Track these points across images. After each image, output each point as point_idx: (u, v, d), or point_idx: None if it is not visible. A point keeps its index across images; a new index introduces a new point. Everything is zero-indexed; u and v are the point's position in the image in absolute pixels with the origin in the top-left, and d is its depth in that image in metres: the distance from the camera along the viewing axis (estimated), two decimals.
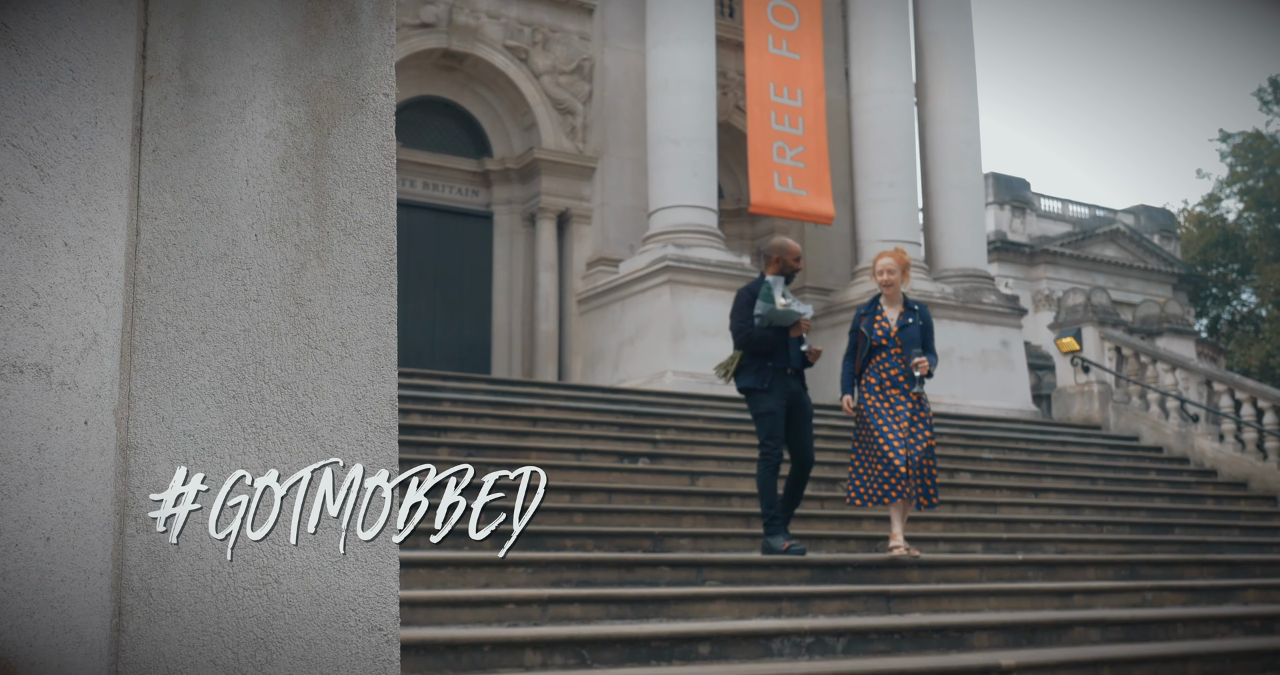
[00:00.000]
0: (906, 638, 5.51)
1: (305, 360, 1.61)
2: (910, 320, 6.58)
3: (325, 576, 1.63)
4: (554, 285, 14.91)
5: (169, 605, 1.52)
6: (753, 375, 6.30)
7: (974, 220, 15.79)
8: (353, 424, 1.64)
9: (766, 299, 6.21)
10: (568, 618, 5.18)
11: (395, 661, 1.70)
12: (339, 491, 1.42)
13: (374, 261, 1.61)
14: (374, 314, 1.63)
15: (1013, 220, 34.04)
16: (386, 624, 1.69)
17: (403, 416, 8.72)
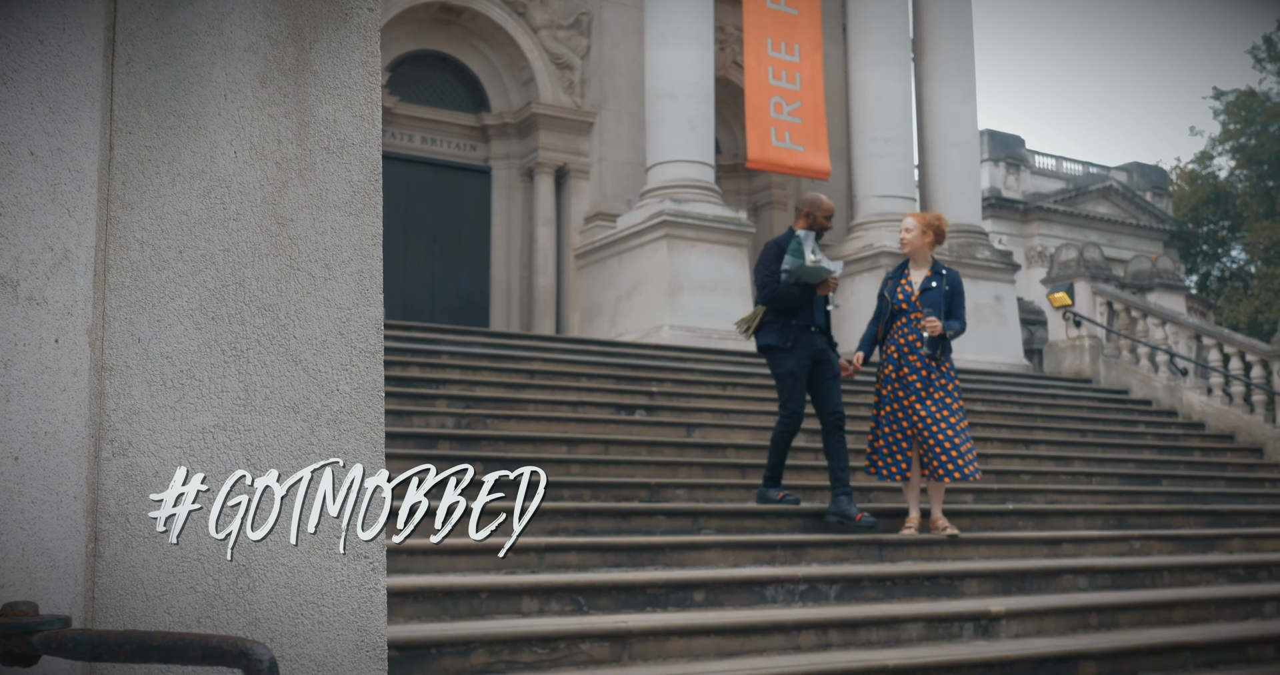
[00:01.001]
0: (898, 585, 5.52)
1: (287, 282, 1.55)
2: (934, 284, 6.15)
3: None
4: (552, 240, 14.81)
5: (147, 530, 1.47)
6: (776, 332, 6.02)
7: (969, 177, 15.67)
8: (337, 347, 1.59)
9: (796, 254, 5.89)
10: (564, 565, 5.18)
11: (381, 590, 1.66)
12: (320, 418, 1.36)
13: (358, 181, 1.55)
14: (358, 235, 1.57)
15: (1007, 177, 33.83)
16: (373, 553, 1.64)
17: (401, 369, 8.67)
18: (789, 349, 5.98)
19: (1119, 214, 35.02)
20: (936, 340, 6.04)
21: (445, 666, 4.05)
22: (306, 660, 1.60)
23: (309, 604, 1.59)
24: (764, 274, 6.06)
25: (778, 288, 5.95)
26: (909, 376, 6.03)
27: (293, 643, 1.58)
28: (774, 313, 6.02)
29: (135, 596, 1.47)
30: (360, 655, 1.64)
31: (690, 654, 4.49)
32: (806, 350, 6.00)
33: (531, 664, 4.19)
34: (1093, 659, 5.00)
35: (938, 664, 4.61)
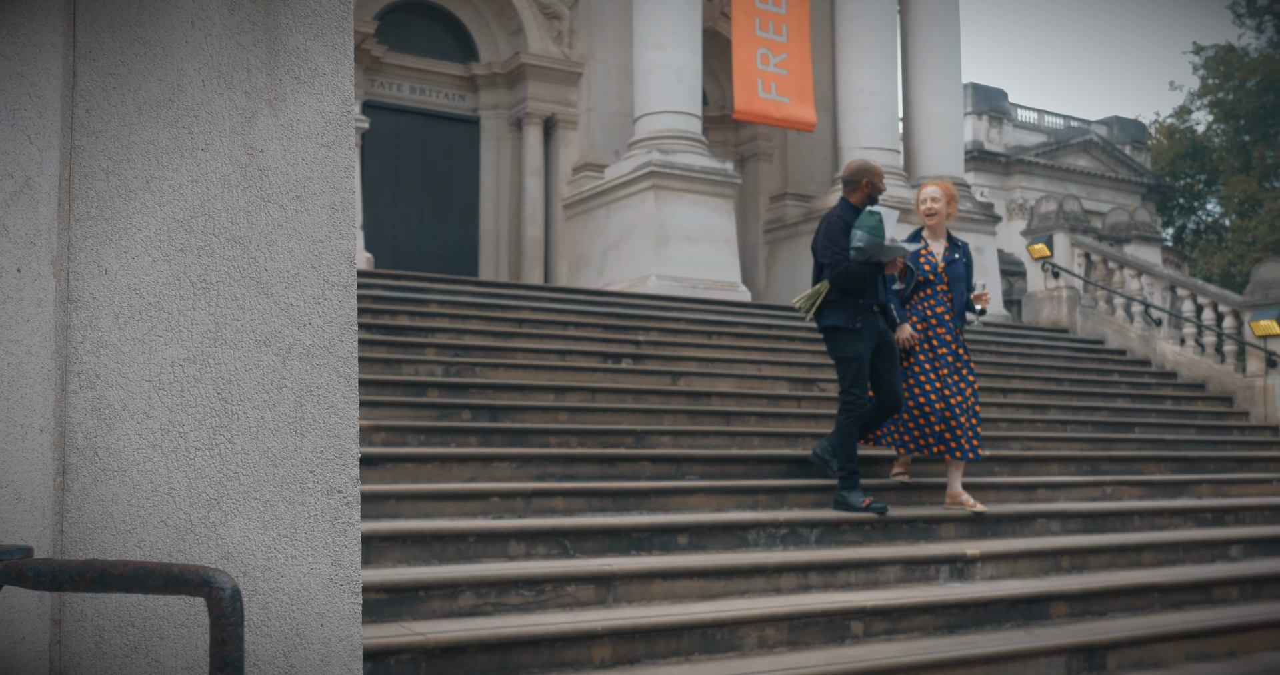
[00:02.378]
0: (877, 529, 5.55)
1: (258, 214, 1.50)
2: (957, 256, 6.00)
3: (282, 437, 1.54)
4: (540, 190, 14.67)
5: (116, 464, 1.43)
6: (843, 313, 5.54)
7: (952, 129, 15.55)
8: (309, 281, 1.54)
9: (874, 232, 5.40)
10: (551, 510, 5.18)
11: (355, 525, 1.63)
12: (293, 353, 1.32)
13: (330, 112, 1.49)
14: (330, 167, 1.51)
15: (990, 130, 33.64)
16: (346, 487, 1.61)
17: (390, 317, 8.61)
18: (857, 330, 5.52)
19: (1099, 167, 34.93)
20: (961, 312, 5.89)
21: (433, 609, 4.06)
22: (280, 594, 1.58)
23: (282, 538, 1.56)
24: (831, 250, 5.51)
25: (849, 266, 5.46)
26: (940, 349, 5.82)
27: (265, 576, 1.56)
28: (839, 291, 5.54)
29: (105, 530, 1.43)
30: (334, 589, 1.62)
31: (674, 596, 4.51)
32: (872, 332, 5.60)
33: (518, 606, 4.20)
34: (1064, 600, 5.05)
35: (914, 605, 4.65)
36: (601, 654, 3.96)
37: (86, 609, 1.43)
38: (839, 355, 5.64)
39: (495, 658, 3.78)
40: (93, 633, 1.44)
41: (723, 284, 12.42)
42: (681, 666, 4.00)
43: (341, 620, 1.62)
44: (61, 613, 1.41)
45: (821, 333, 5.76)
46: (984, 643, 4.49)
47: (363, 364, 7.31)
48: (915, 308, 5.93)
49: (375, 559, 4.36)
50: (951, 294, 5.93)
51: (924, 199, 6.07)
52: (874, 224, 5.42)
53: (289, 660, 1.59)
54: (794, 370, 9.26)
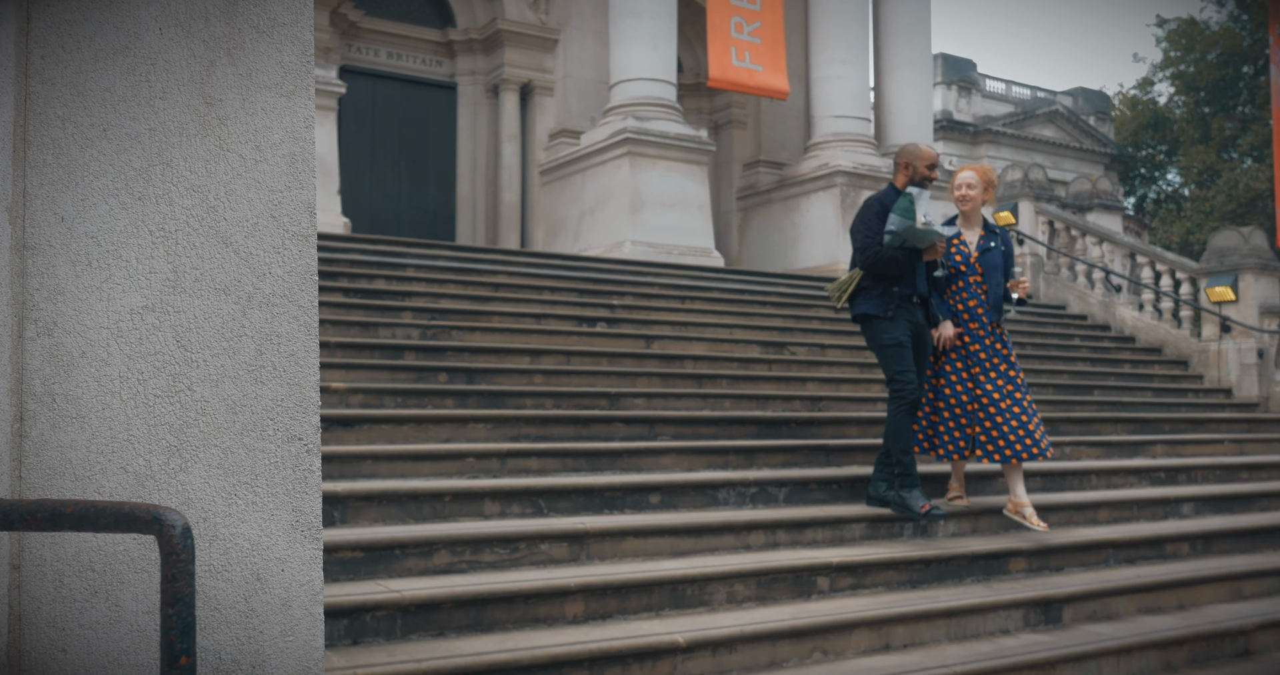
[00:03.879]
0: (844, 487, 5.58)
1: (216, 163, 1.46)
2: (992, 244, 5.46)
3: (242, 385, 1.52)
4: (517, 156, 14.53)
5: (75, 411, 1.40)
6: (876, 301, 5.18)
7: (922, 98, 15.50)
8: (269, 230, 1.51)
9: (906, 215, 5.00)
10: (525, 470, 5.18)
11: (316, 471, 1.61)
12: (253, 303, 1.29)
13: (290, 62, 1.44)
14: (290, 117, 1.47)
15: (959, 100, 33.60)
16: (307, 434, 1.59)
17: (367, 281, 8.53)
18: (890, 318, 5.15)
19: (1064, 137, 35.01)
20: (998, 304, 5.38)
21: (409, 567, 4.05)
22: (240, 539, 1.56)
23: (242, 485, 1.54)
24: (864, 234, 5.15)
25: (880, 251, 5.09)
26: (972, 346, 5.34)
27: (226, 522, 1.54)
28: (872, 278, 5.19)
29: (64, 476, 1.41)
30: (295, 535, 1.60)
31: (645, 553, 4.53)
32: (907, 320, 5.20)
33: (493, 563, 4.20)
34: (1022, 556, 5.11)
35: (878, 561, 4.69)
36: (574, 610, 3.97)
37: (45, 554, 1.40)
38: (876, 344, 5.24)
39: (469, 614, 3.79)
40: (52, 577, 1.42)
41: (697, 249, 12.38)
42: (652, 621, 4.02)
43: (303, 565, 1.61)
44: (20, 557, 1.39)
45: (856, 321, 5.38)
46: (945, 597, 4.54)
47: (340, 327, 7.24)
48: (946, 301, 5.48)
49: (352, 518, 4.34)
50: (986, 285, 5.40)
51: (959, 184, 5.52)
52: (906, 206, 5.03)
53: (250, 604, 1.57)
54: (765, 334, 9.27)
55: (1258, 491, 6.82)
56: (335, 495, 4.32)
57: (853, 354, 9.39)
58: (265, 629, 1.60)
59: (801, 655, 4.03)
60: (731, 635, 3.90)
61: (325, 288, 8.16)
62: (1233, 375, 11.02)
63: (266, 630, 1.60)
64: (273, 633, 1.61)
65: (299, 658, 1.64)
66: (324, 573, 3.89)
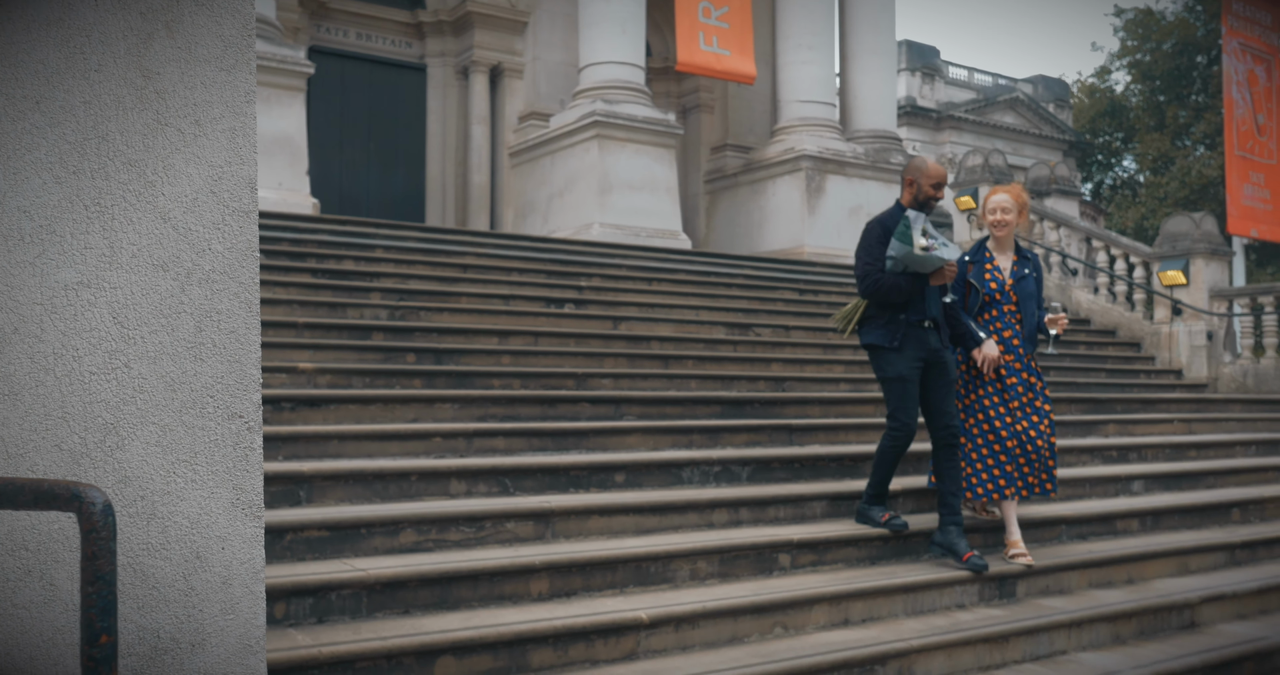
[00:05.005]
0: (805, 466, 5.59)
1: (154, 137, 1.40)
2: (1027, 271, 5.04)
3: (180, 362, 1.47)
4: (486, 138, 14.40)
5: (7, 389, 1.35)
6: (881, 330, 4.78)
7: (886, 84, 15.51)
8: (208, 206, 1.46)
9: (903, 239, 4.61)
10: (492, 449, 5.14)
11: (257, 449, 1.57)
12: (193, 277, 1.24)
13: (230, 36, 1.39)
14: (230, 91, 1.42)
15: (923, 86, 33.69)
16: (248, 412, 1.55)
17: (335, 262, 8.42)
18: (896, 349, 4.74)
19: (1024, 124, 35.23)
20: (1033, 335, 5.01)
21: (375, 545, 4.01)
22: (179, 517, 1.52)
23: (181, 462, 1.50)
24: (865, 261, 4.78)
25: (880, 279, 4.69)
26: (1008, 379, 4.95)
27: (165, 500, 1.50)
28: (878, 306, 4.80)
29: None
30: (236, 513, 1.56)
31: (610, 531, 4.51)
32: (917, 350, 4.75)
33: (459, 542, 4.17)
34: (978, 531, 5.15)
35: (839, 538, 4.70)
36: (539, 587, 3.95)
37: None
38: (880, 375, 4.87)
39: (435, 592, 3.75)
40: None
41: (664, 232, 12.34)
42: (616, 599, 4.01)
43: (244, 543, 1.57)
44: None
45: (864, 350, 4.97)
46: (903, 573, 4.57)
47: (308, 308, 7.15)
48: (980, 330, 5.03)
49: (318, 498, 4.29)
50: (1021, 314, 5.00)
51: (992, 208, 5.06)
52: (903, 230, 4.62)
53: (189, 583, 1.54)
54: (731, 316, 9.26)
55: (1204, 469, 6.92)
56: (301, 475, 4.27)
57: (816, 335, 9.40)
58: (205, 607, 1.57)
59: (763, 630, 4.04)
60: (694, 611, 3.89)
61: (293, 268, 8.04)
62: (1183, 357, 11.16)
63: (207, 609, 1.57)
64: (213, 611, 1.58)
65: (240, 636, 1.61)
66: (290, 552, 3.86)
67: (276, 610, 3.51)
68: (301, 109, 10.86)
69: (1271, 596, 5.20)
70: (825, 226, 13.81)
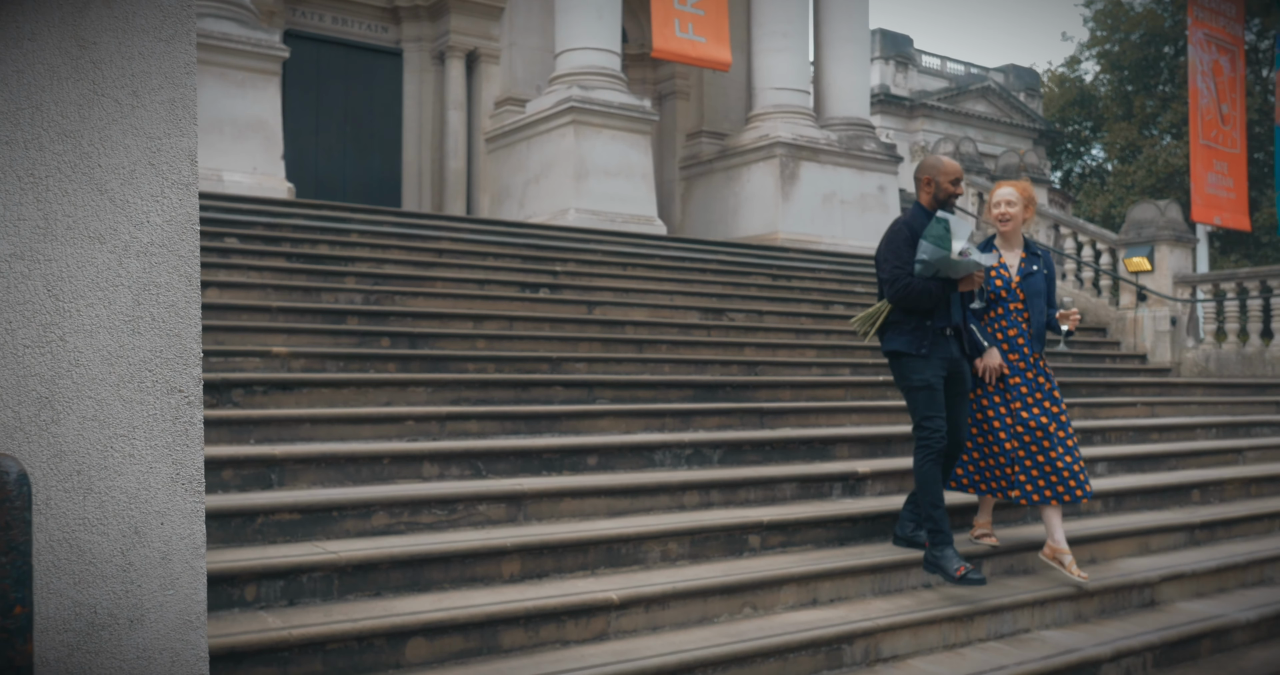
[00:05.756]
0: (776, 449, 5.60)
1: (90, 107, 1.36)
2: (1035, 268, 4.84)
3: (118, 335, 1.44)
4: (463, 124, 14.28)
5: None
6: (907, 337, 4.50)
7: (859, 72, 15.49)
8: (147, 178, 1.42)
9: (939, 243, 4.30)
10: (465, 433, 5.11)
11: (198, 424, 1.54)
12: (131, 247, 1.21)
13: (168, 5, 1.35)
14: (169, 62, 1.38)
15: (896, 75, 33.73)
16: (187, 386, 1.52)
17: (310, 246, 8.34)
18: (923, 356, 4.47)
19: (995, 112, 35.36)
20: (1040, 334, 4.80)
21: (346, 528, 3.98)
22: (117, 492, 1.49)
23: (119, 437, 1.46)
24: (893, 264, 4.47)
25: (911, 283, 4.41)
26: (1011, 379, 4.74)
27: (101, 475, 1.46)
28: (902, 312, 4.52)
29: None
30: (175, 488, 1.53)
31: (582, 514, 4.50)
32: (942, 358, 4.50)
33: (431, 525, 4.14)
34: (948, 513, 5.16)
35: (807, 519, 4.71)
36: (511, 569, 3.93)
37: None
38: (905, 385, 4.55)
39: (407, 574, 3.73)
40: None
41: (640, 217, 12.30)
42: (587, 580, 4.00)
43: (183, 519, 1.54)
44: None
45: (885, 356, 4.70)
46: (871, 553, 4.58)
47: (282, 292, 7.07)
48: (982, 329, 4.84)
49: (289, 481, 4.25)
50: (1028, 312, 4.80)
51: (997, 201, 4.88)
52: (939, 233, 4.33)
53: (127, 558, 1.51)
54: (705, 301, 9.25)
55: (1167, 452, 6.98)
56: (273, 458, 4.22)
57: (789, 320, 9.41)
58: (144, 583, 1.54)
59: (732, 610, 4.04)
60: (664, 592, 3.89)
61: (268, 252, 7.95)
62: (1147, 342, 11.27)
63: (145, 584, 1.54)
64: (152, 587, 1.55)
65: (180, 612, 1.58)
66: (261, 535, 3.82)
67: (247, 593, 3.48)
68: (276, 93, 10.72)
69: (1229, 575, 5.26)
70: (799, 213, 13.82)
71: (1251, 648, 4.77)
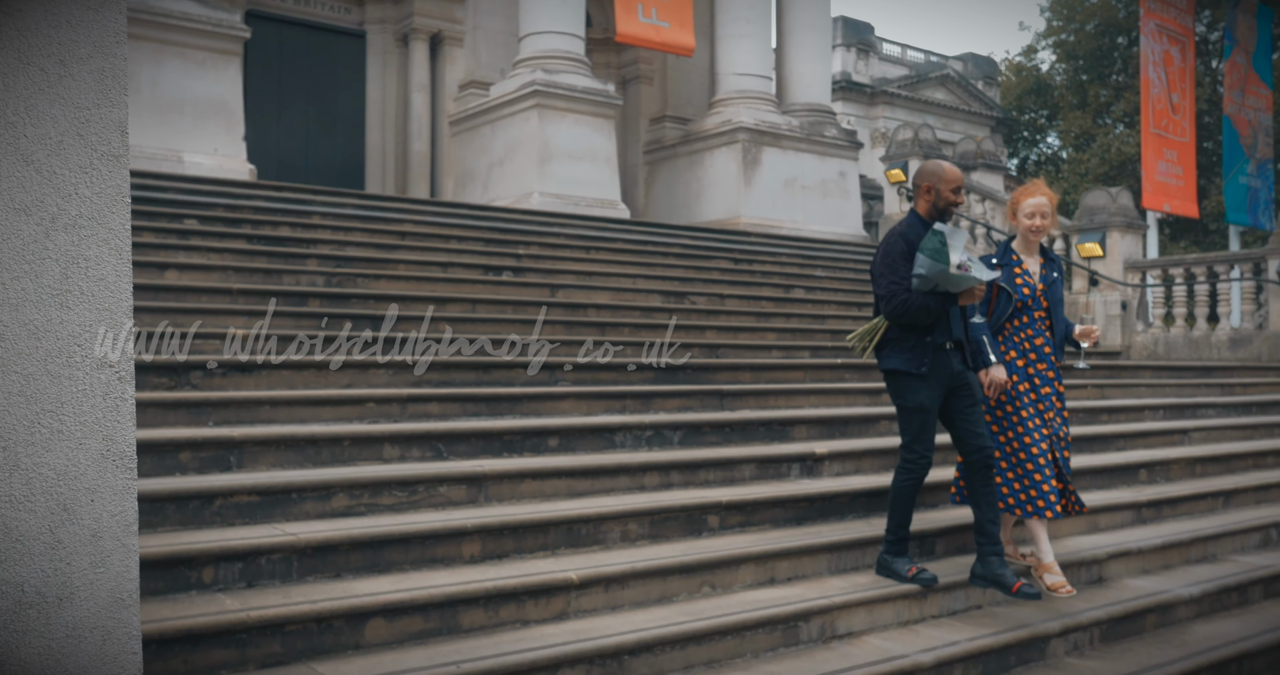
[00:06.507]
0: (736, 430, 5.61)
1: (15, 76, 1.31)
2: (1056, 275, 4.61)
3: (45, 309, 1.40)
4: (427, 106, 14.11)
5: None
6: (905, 354, 4.26)
7: (821, 58, 15.50)
8: (75, 149, 1.37)
9: (937, 257, 4.08)
10: (426, 415, 5.06)
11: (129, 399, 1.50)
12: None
13: None
14: (99, 31, 1.33)
15: (857, 62, 33.81)
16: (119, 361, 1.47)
17: (271, 228, 8.21)
18: (922, 376, 4.23)
19: (954, 100, 35.59)
20: (1063, 343, 4.58)
21: (306, 510, 3.92)
22: (45, 469, 1.45)
23: (46, 413, 1.42)
24: (889, 279, 4.23)
25: (909, 299, 4.17)
26: (1042, 389, 4.50)
27: (29, 452, 1.42)
28: (901, 328, 4.28)
29: None
30: (106, 464, 1.49)
31: (542, 495, 4.48)
32: (942, 376, 4.26)
33: (391, 506, 4.10)
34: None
35: (765, 499, 4.72)
36: (471, 550, 3.91)
37: None
38: (899, 403, 4.36)
39: (366, 556, 3.69)
40: None
41: (603, 201, 12.24)
42: (547, 560, 3.98)
43: (114, 496, 1.50)
44: None
45: (882, 374, 4.45)
46: (828, 532, 4.61)
47: (243, 274, 6.96)
48: (1010, 339, 4.54)
49: (249, 463, 4.18)
50: (1051, 320, 4.56)
51: (1030, 212, 4.58)
52: (935, 246, 4.09)
53: (56, 536, 1.46)
54: (667, 284, 9.24)
55: (1115, 432, 7.08)
56: (231, 440, 4.16)
57: (750, 304, 9.43)
58: (73, 561, 1.50)
59: (691, 589, 4.04)
60: (624, 572, 3.88)
61: (228, 234, 7.82)
62: (1099, 325, 11.42)
63: (75, 562, 1.50)
64: (81, 564, 1.51)
65: (111, 589, 1.54)
66: (219, 517, 3.76)
67: (205, 575, 3.42)
68: (237, 74, 10.51)
69: (1173, 553, 5.36)
70: (761, 197, 13.83)
71: (1194, 622, 4.87)
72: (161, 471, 3.98)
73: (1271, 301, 10.83)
